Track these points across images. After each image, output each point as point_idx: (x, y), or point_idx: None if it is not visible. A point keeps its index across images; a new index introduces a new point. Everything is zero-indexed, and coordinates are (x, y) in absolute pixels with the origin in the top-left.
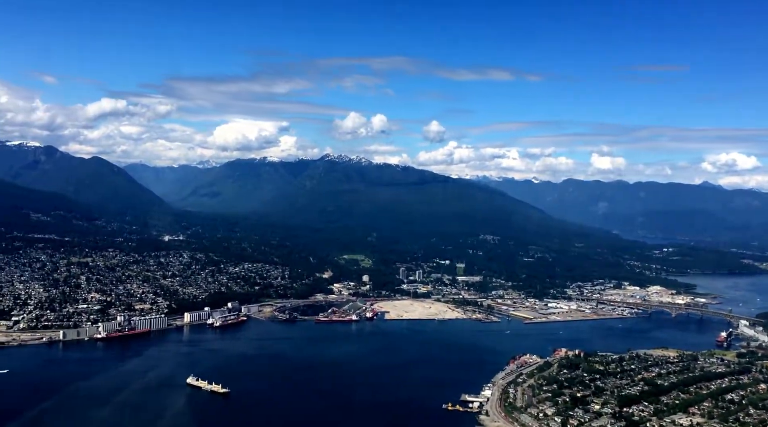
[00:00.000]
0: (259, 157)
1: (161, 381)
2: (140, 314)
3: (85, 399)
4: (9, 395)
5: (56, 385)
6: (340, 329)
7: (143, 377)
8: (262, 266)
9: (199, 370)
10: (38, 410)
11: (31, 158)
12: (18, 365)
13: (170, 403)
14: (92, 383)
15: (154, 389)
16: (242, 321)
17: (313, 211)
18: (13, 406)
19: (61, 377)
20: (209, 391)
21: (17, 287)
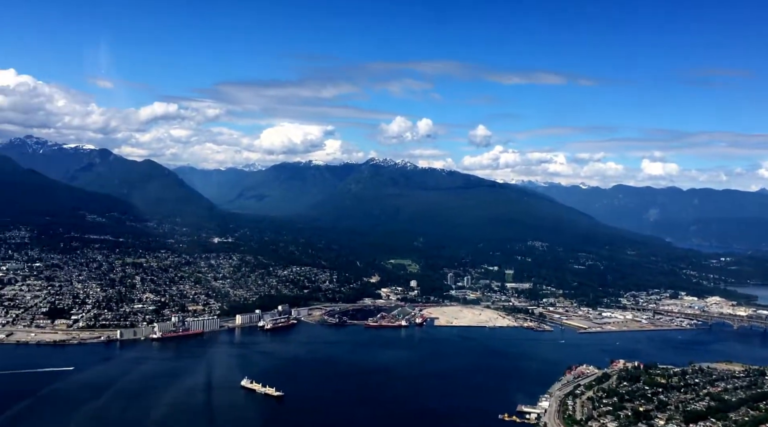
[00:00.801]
0: (304, 161)
1: (216, 383)
2: (193, 315)
3: (143, 398)
4: (76, 390)
5: (115, 383)
6: (390, 334)
7: (199, 378)
8: (310, 269)
9: (252, 372)
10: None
11: (87, 161)
12: (80, 363)
13: (226, 405)
14: (149, 382)
15: (210, 390)
16: (292, 324)
17: (358, 215)
18: (78, 401)
19: (120, 375)
20: (263, 394)
21: (76, 286)
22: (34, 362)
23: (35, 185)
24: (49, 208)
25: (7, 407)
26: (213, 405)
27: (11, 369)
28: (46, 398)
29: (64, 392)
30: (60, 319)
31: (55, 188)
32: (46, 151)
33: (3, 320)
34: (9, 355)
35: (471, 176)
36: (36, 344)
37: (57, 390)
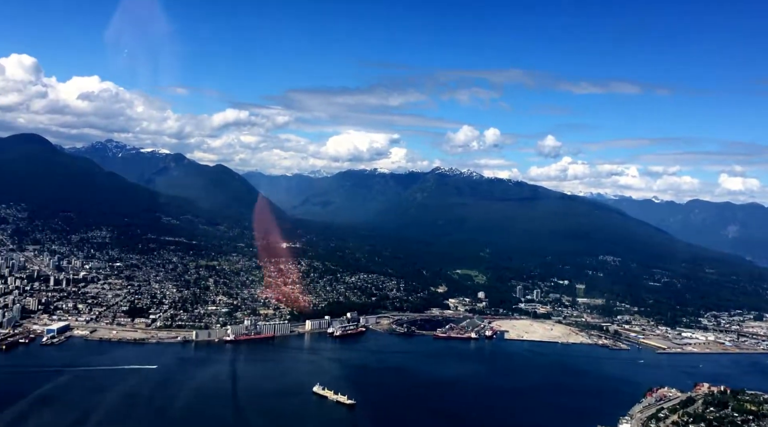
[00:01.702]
0: (369, 169)
1: (288, 388)
2: (264, 318)
3: (222, 399)
4: (160, 388)
5: (195, 383)
6: (459, 346)
7: (271, 382)
8: (377, 277)
9: (323, 379)
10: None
11: (162, 165)
12: (161, 362)
13: (299, 411)
14: (226, 384)
15: (282, 395)
16: (361, 332)
17: (423, 223)
18: (163, 399)
19: (198, 376)
20: (335, 401)
21: (153, 286)
22: (118, 358)
23: (115, 187)
24: (127, 210)
25: (99, 403)
26: (287, 410)
27: (99, 365)
28: (135, 396)
29: (149, 390)
30: (139, 317)
31: (133, 191)
32: (124, 155)
33: (87, 317)
34: (95, 351)
35: (539, 187)
36: (117, 341)
37: (143, 388)
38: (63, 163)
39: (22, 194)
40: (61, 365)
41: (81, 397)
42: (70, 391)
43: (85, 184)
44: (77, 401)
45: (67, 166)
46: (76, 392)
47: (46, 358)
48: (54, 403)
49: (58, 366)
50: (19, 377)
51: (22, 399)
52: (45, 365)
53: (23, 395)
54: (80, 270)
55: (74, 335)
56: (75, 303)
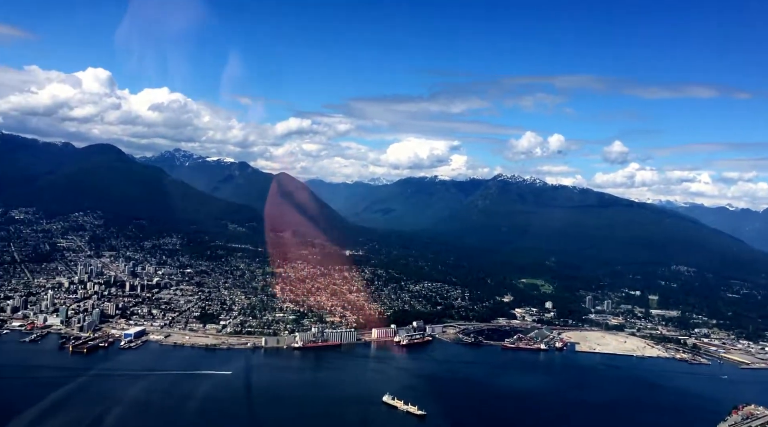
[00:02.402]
0: (430, 176)
1: (358, 396)
2: (331, 326)
3: (295, 407)
4: (237, 394)
5: (268, 389)
6: (528, 357)
7: (341, 391)
8: (441, 285)
9: (391, 388)
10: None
11: (227, 173)
12: (235, 368)
13: (370, 421)
14: (298, 391)
15: (353, 403)
16: (427, 341)
17: (486, 231)
18: (240, 407)
19: (271, 382)
20: (405, 411)
21: (223, 292)
22: (194, 364)
23: (183, 195)
24: (195, 218)
25: (185, 407)
26: (358, 420)
27: (177, 370)
28: (216, 401)
29: (228, 395)
30: (210, 323)
31: (201, 198)
32: (191, 164)
33: (161, 322)
34: (171, 356)
35: (605, 194)
36: (191, 347)
37: (221, 393)
38: (135, 172)
39: (98, 202)
40: (140, 369)
41: (166, 401)
42: (155, 395)
43: (155, 192)
44: (164, 406)
45: (138, 175)
46: (160, 396)
47: (125, 362)
48: (144, 406)
49: (138, 370)
50: (104, 381)
51: (111, 402)
52: (126, 369)
53: (112, 397)
54: (153, 276)
55: (150, 339)
56: (149, 308)
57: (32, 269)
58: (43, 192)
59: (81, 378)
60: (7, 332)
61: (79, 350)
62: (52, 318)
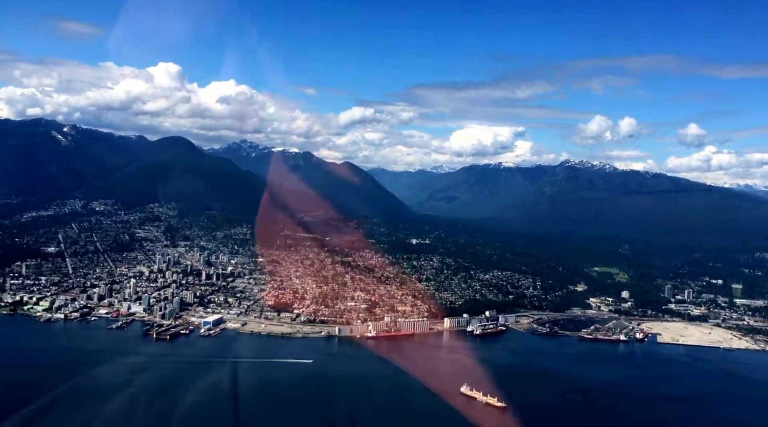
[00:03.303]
0: (494, 163)
1: (436, 387)
2: (403, 315)
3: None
4: (326, 383)
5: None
6: (607, 348)
7: (418, 381)
8: (511, 274)
9: (469, 379)
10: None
11: (292, 163)
12: (314, 356)
13: (449, 411)
14: (377, 381)
15: (430, 393)
16: (501, 331)
17: (554, 218)
18: (328, 396)
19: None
20: (484, 403)
21: (294, 281)
22: (274, 352)
23: (251, 186)
24: (263, 208)
25: (275, 394)
26: (439, 410)
27: (259, 358)
28: (304, 388)
29: (313, 383)
30: (284, 312)
31: (268, 189)
32: (257, 155)
33: (237, 311)
34: (250, 344)
35: (680, 179)
36: (267, 335)
37: (306, 381)
38: (205, 163)
39: (172, 193)
40: (224, 356)
41: (257, 389)
42: (245, 383)
43: (225, 183)
44: (256, 394)
45: (208, 166)
46: (250, 383)
47: (207, 349)
48: (237, 394)
49: (222, 357)
50: (191, 367)
51: (203, 388)
52: (209, 356)
53: (203, 383)
54: (227, 265)
55: (227, 327)
56: (225, 297)
57: (114, 258)
58: (120, 184)
59: (167, 364)
60: (95, 319)
61: (162, 337)
62: (136, 306)
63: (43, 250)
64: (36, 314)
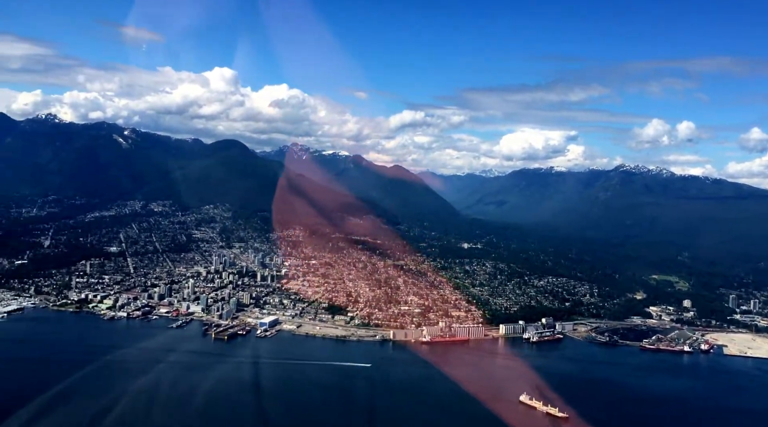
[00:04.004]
0: (545, 167)
1: (493, 394)
2: (457, 320)
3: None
4: (383, 387)
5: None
6: (671, 359)
7: (474, 387)
8: (566, 280)
9: (526, 387)
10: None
11: (342, 166)
12: (371, 360)
13: (509, 420)
14: (435, 387)
15: (489, 401)
16: (558, 339)
17: (608, 224)
18: (386, 400)
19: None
20: (545, 413)
21: (347, 284)
22: (331, 354)
23: (303, 188)
24: (315, 210)
25: (337, 397)
26: (498, 419)
27: (317, 360)
28: (364, 392)
29: (372, 387)
30: (338, 315)
31: (319, 191)
32: (308, 157)
33: (292, 312)
34: (306, 346)
35: (742, 185)
36: (322, 338)
37: (365, 385)
38: (258, 166)
39: (226, 196)
40: (282, 358)
41: (321, 392)
42: (307, 385)
43: (277, 186)
44: (320, 396)
45: (261, 169)
46: (313, 386)
47: (265, 350)
48: (301, 396)
49: (280, 358)
50: (252, 368)
51: (267, 388)
52: (268, 357)
53: (266, 384)
54: (281, 267)
55: (283, 329)
56: (281, 299)
57: (172, 258)
58: (177, 186)
59: (230, 364)
60: (156, 318)
61: (221, 337)
62: (194, 306)
63: (105, 249)
64: (100, 312)
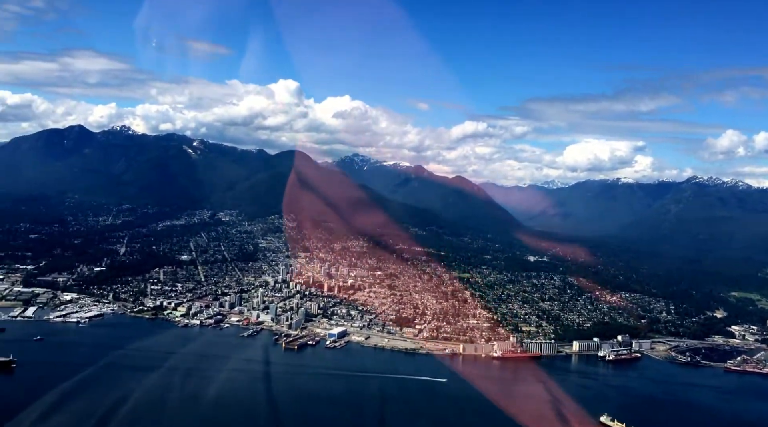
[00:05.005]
0: (611, 179)
1: (572, 414)
2: (528, 335)
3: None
4: (465, 404)
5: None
6: (759, 382)
7: (553, 406)
8: (640, 296)
9: (606, 408)
10: None
11: (403, 177)
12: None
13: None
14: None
15: (569, 423)
16: (636, 358)
17: (681, 238)
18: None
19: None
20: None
21: (414, 296)
22: (405, 368)
23: (365, 199)
24: (378, 221)
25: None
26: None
27: (391, 373)
28: (444, 408)
29: (452, 403)
30: (406, 327)
31: (381, 202)
32: (369, 168)
33: (359, 324)
34: (377, 358)
35: None
36: (390, 350)
37: (445, 401)
38: (321, 177)
39: (291, 206)
40: (355, 370)
41: (404, 406)
42: (390, 399)
43: (340, 196)
44: (405, 410)
45: (324, 180)
46: (394, 401)
47: (336, 361)
48: (385, 411)
49: (353, 370)
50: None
51: (345, 400)
52: (340, 368)
53: (344, 396)
54: (347, 278)
55: (351, 340)
56: (348, 309)
57: (240, 267)
58: (243, 196)
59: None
60: (228, 326)
61: (291, 347)
62: (264, 315)
63: (177, 257)
64: (175, 320)
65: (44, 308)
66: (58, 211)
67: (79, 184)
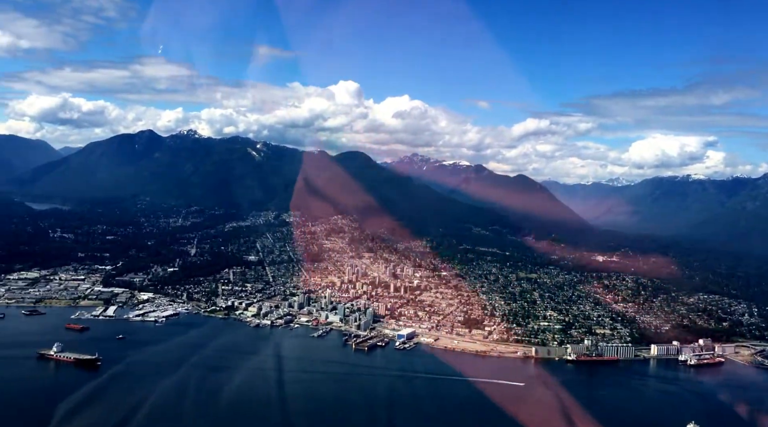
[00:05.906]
0: (680, 175)
1: (657, 422)
2: (603, 338)
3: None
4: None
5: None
6: None
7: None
8: (719, 298)
9: (692, 416)
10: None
11: (464, 176)
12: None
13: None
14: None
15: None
16: (719, 362)
17: (759, 237)
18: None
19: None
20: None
21: (481, 297)
22: (478, 371)
23: (427, 199)
24: (440, 220)
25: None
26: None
27: (465, 376)
28: (528, 414)
29: (533, 409)
30: (475, 329)
31: (443, 202)
32: (428, 168)
33: (428, 325)
34: (450, 360)
35: None
36: (461, 352)
37: (525, 406)
38: (383, 177)
39: (353, 206)
40: (427, 372)
41: (490, 411)
42: (474, 404)
43: (402, 196)
44: (488, 418)
45: (386, 180)
46: (480, 406)
47: (408, 363)
48: (468, 417)
49: (426, 373)
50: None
51: (428, 404)
52: (412, 370)
53: (424, 399)
54: (413, 278)
55: (420, 341)
56: (415, 310)
57: (306, 267)
58: (306, 197)
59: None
60: (297, 327)
61: (361, 348)
62: (332, 316)
63: (245, 258)
64: (246, 319)
65: (123, 306)
66: (131, 213)
67: (149, 187)
